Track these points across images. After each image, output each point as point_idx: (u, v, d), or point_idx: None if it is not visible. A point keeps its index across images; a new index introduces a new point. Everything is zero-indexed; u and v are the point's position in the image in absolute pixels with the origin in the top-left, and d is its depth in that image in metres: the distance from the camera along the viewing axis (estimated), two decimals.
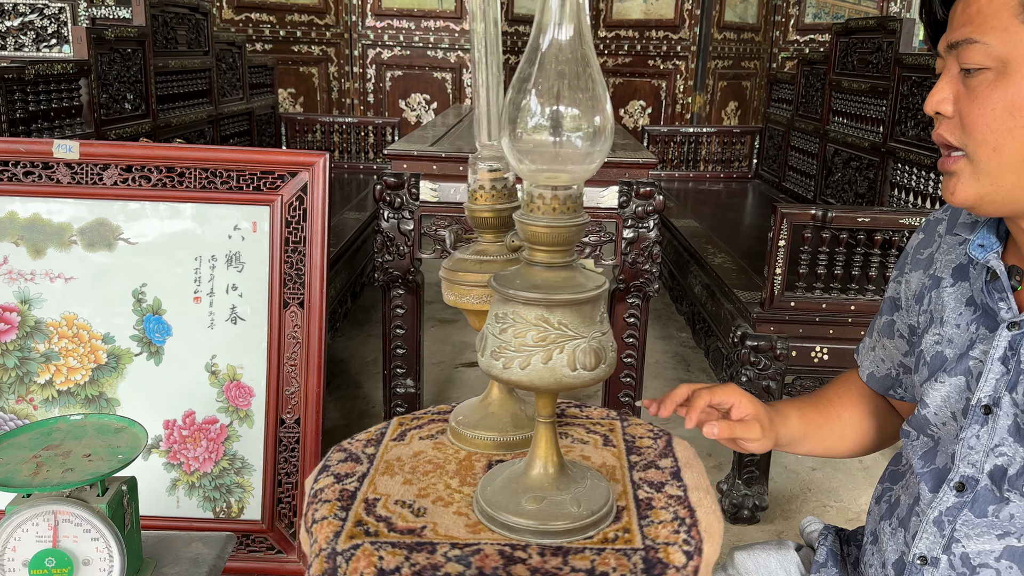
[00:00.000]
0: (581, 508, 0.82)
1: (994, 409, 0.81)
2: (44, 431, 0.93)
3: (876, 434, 1.07)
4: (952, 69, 0.79)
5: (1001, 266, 0.83)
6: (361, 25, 5.10)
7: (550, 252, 0.77)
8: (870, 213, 1.89)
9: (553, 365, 0.75)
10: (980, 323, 0.86)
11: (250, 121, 3.70)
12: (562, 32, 0.72)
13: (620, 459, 0.99)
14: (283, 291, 1.67)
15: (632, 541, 0.81)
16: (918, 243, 0.99)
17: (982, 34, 0.74)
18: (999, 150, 0.75)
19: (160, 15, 2.84)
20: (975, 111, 0.76)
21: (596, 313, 0.78)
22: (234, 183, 1.68)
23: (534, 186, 0.76)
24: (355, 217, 3.08)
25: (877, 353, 1.05)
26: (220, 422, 1.68)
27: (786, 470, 2.44)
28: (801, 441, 1.04)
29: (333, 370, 3.06)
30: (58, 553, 0.83)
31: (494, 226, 0.99)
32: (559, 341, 0.75)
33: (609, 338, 0.79)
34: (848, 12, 5.32)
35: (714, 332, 2.39)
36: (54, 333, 1.66)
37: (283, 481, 1.68)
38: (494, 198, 0.97)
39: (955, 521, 0.83)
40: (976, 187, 0.78)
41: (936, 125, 0.81)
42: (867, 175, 2.98)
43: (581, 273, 0.78)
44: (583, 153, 0.74)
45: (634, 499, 0.89)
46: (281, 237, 1.67)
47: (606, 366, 0.77)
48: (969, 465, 0.83)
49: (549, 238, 0.76)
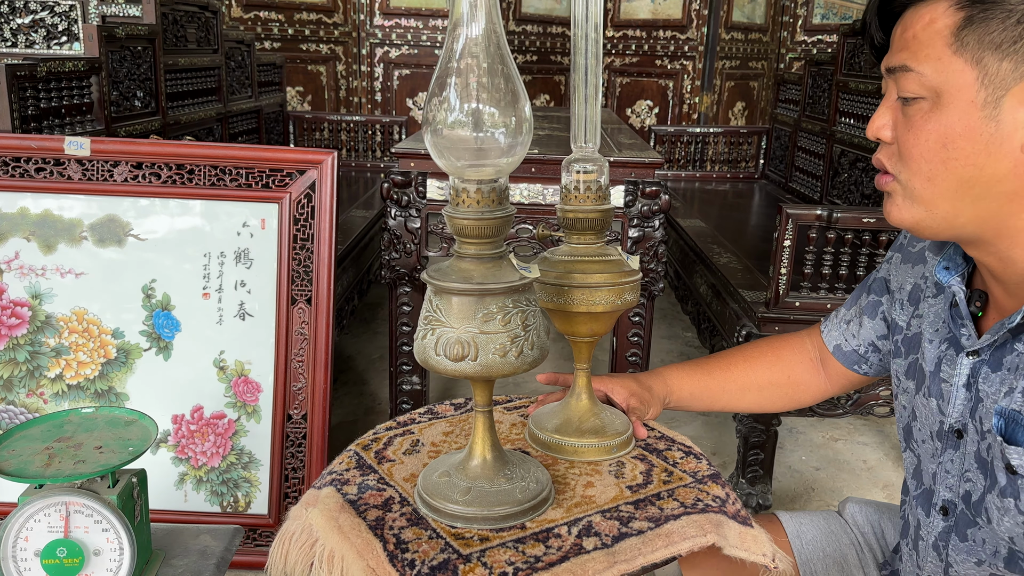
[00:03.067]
0: (520, 493, 0.85)
1: (964, 434, 0.81)
2: (56, 423, 0.94)
3: (786, 398, 1.10)
4: (892, 94, 0.77)
5: (961, 292, 0.82)
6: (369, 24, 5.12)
7: (478, 244, 0.79)
8: (875, 214, 1.90)
9: (424, 344, 0.80)
10: (949, 344, 0.85)
11: (259, 119, 3.71)
12: (474, 29, 0.75)
13: None
14: (291, 288, 1.69)
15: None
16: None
17: (916, 63, 0.72)
18: (933, 180, 0.74)
19: (170, 13, 2.86)
20: (911, 140, 0.74)
21: (481, 309, 0.78)
22: (243, 180, 1.69)
23: (460, 180, 0.78)
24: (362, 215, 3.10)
25: (851, 328, 1.05)
26: (228, 417, 1.70)
27: (790, 469, 2.45)
28: (690, 402, 1.09)
29: (340, 367, 3.08)
30: (69, 543, 0.84)
31: (583, 228, 0.97)
32: (432, 324, 0.80)
33: (493, 339, 0.78)
34: (856, 13, 5.31)
35: (719, 332, 2.40)
36: (64, 328, 1.68)
37: (290, 476, 1.70)
38: (586, 199, 0.96)
39: (947, 547, 0.83)
40: (911, 212, 0.77)
41: (878, 149, 0.80)
42: (873, 176, 2.98)
43: (503, 270, 0.80)
44: (505, 147, 0.77)
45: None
46: (289, 234, 1.69)
47: (474, 363, 0.78)
48: (947, 489, 0.83)
49: (476, 230, 0.78)
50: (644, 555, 0.79)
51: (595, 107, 0.95)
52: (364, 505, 0.89)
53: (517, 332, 0.79)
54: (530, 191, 2.05)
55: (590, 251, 0.97)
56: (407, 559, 0.78)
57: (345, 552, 0.82)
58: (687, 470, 0.95)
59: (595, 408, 1.02)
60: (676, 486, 0.91)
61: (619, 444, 0.99)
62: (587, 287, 0.94)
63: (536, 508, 0.85)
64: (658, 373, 1.10)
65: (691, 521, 0.84)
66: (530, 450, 1.01)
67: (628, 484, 0.92)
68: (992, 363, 0.78)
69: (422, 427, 1.08)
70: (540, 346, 0.81)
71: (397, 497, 0.90)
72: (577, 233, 0.97)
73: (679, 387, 1.09)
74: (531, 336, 0.80)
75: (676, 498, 0.89)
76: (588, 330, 0.98)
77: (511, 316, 0.79)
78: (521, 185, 2.05)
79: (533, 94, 5.46)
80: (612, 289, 0.95)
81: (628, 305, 0.96)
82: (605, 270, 0.95)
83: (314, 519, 0.88)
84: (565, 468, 0.96)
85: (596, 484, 0.92)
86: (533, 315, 0.81)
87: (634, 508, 0.87)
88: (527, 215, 2.07)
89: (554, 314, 0.99)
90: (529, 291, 0.81)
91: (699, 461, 0.98)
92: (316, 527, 0.87)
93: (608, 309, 0.95)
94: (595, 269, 0.95)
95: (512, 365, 0.79)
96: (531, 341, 0.80)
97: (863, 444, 2.61)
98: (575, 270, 0.95)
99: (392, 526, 0.84)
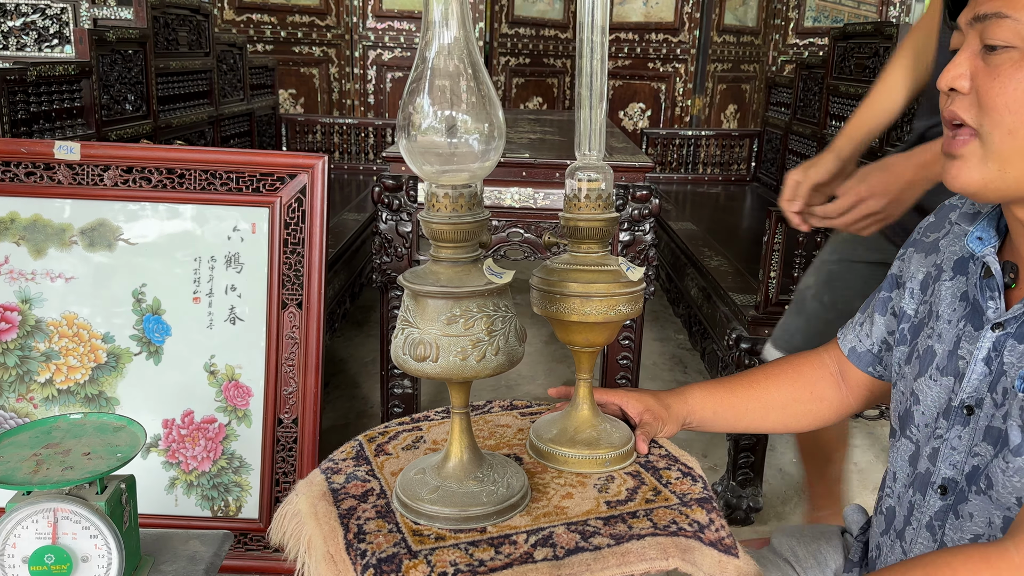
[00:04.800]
0: (486, 497, 0.86)
1: (976, 410, 0.81)
2: (44, 429, 0.94)
3: (810, 415, 1.09)
4: (973, 44, 0.75)
5: (996, 263, 0.82)
6: (362, 26, 5.12)
7: (452, 248, 0.81)
8: None
9: (396, 343, 0.83)
10: (968, 320, 0.85)
11: (251, 122, 3.71)
12: (446, 36, 0.76)
13: None
14: (282, 292, 1.69)
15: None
16: (927, 225, 0.98)
17: (1013, 9, 0.71)
18: (1015, 133, 0.73)
19: (162, 17, 2.86)
20: (995, 89, 0.73)
21: (445, 313, 0.79)
22: (233, 185, 1.69)
23: (434, 186, 0.80)
24: (355, 218, 3.10)
25: (864, 328, 1.05)
26: (218, 421, 1.70)
27: (780, 472, 2.46)
28: (713, 421, 1.07)
29: (332, 370, 3.08)
30: (57, 550, 0.85)
31: (586, 236, 0.96)
32: (403, 325, 0.82)
33: (455, 342, 0.79)
34: (847, 16, 5.34)
35: (710, 334, 2.41)
36: (54, 332, 1.68)
37: (280, 480, 1.70)
38: (588, 207, 0.94)
39: (944, 526, 0.83)
40: (982, 172, 0.75)
41: (948, 102, 0.78)
42: None
43: (472, 275, 0.81)
44: (478, 153, 0.78)
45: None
46: (280, 238, 1.69)
47: (434, 364, 0.79)
48: (950, 466, 0.83)
49: (450, 235, 0.80)
50: (592, 572, 0.78)
51: (600, 114, 0.94)
52: (344, 495, 0.91)
53: (480, 336, 0.80)
54: (521, 195, 2.05)
55: (590, 260, 0.95)
56: (361, 548, 0.80)
57: (315, 536, 0.85)
58: (677, 491, 0.93)
59: (594, 420, 1.00)
60: (658, 506, 0.89)
61: (613, 458, 0.97)
62: (581, 296, 0.93)
63: (501, 513, 0.85)
64: (679, 392, 1.08)
65: (655, 543, 0.82)
66: (525, 457, 1.01)
67: (608, 499, 0.90)
68: (1019, 335, 0.78)
69: (432, 425, 1.08)
70: (507, 352, 0.82)
71: (377, 489, 0.92)
72: (578, 241, 0.96)
73: (701, 407, 1.07)
74: (496, 341, 0.81)
75: (651, 518, 0.87)
76: (584, 340, 0.97)
77: (475, 320, 0.80)
78: (512, 189, 2.06)
79: (526, 96, 5.47)
80: (606, 300, 0.93)
81: (624, 316, 0.94)
82: (601, 280, 0.93)
83: (300, 504, 0.92)
84: (551, 477, 0.95)
85: (575, 496, 0.91)
86: (502, 320, 0.81)
87: (603, 523, 0.85)
88: (518, 219, 2.08)
89: (553, 323, 0.98)
90: (500, 297, 0.82)
91: (694, 483, 0.95)
92: (301, 511, 0.91)
93: (602, 320, 0.93)
94: (591, 279, 0.93)
95: (472, 369, 0.80)
96: (495, 347, 0.81)
97: (854, 446, 2.62)
98: (571, 279, 0.94)
99: (360, 516, 0.86)
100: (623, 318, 0.95)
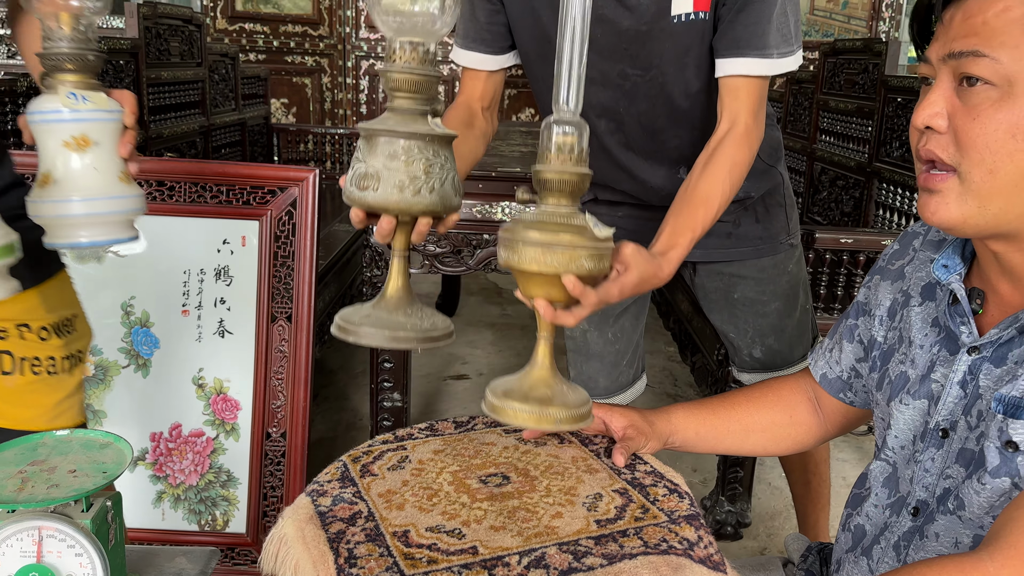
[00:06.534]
0: (410, 328, 0.95)
1: (951, 433, 0.82)
2: (30, 446, 0.94)
3: (789, 439, 1.10)
4: (946, 81, 0.74)
5: (962, 289, 0.82)
6: (355, 36, 5.13)
7: (407, 97, 0.91)
8: (852, 234, 1.92)
9: (347, 178, 0.93)
10: (943, 345, 0.85)
11: (242, 131, 3.71)
12: None
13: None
14: (271, 305, 1.69)
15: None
16: (892, 253, 0.99)
17: (991, 48, 0.70)
18: (995, 173, 0.72)
19: (153, 27, 2.86)
20: (976, 129, 0.72)
21: (389, 148, 0.90)
22: (223, 197, 1.69)
23: (396, 41, 0.90)
24: (345, 229, 3.10)
25: (834, 355, 1.06)
26: (206, 435, 1.69)
27: (770, 487, 2.46)
28: (695, 442, 1.08)
29: (322, 381, 3.07)
30: (42, 568, 0.84)
31: (556, 189, 0.95)
32: (354, 163, 0.92)
33: (394, 174, 0.89)
34: (837, 30, 5.38)
35: (700, 348, 2.41)
36: None
37: (268, 495, 1.69)
38: (560, 160, 0.94)
39: (910, 546, 0.84)
40: (961, 209, 0.74)
41: (922, 140, 0.77)
42: (853, 194, 3.02)
43: (417, 122, 0.91)
44: (435, 16, 0.89)
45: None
46: (270, 251, 1.69)
47: (375, 194, 0.90)
48: (923, 489, 0.84)
49: (406, 84, 0.91)
50: None
51: (580, 67, 0.93)
52: (332, 518, 0.90)
53: (417, 173, 0.90)
54: (512, 209, 2.06)
55: (558, 213, 0.94)
56: (353, 573, 0.80)
57: (303, 561, 0.85)
58: (665, 508, 0.93)
59: (551, 380, 0.99)
60: (647, 524, 0.90)
61: (565, 418, 0.94)
62: (543, 246, 0.91)
63: (423, 341, 0.94)
64: (664, 411, 1.09)
65: (647, 562, 0.82)
66: (480, 417, 1.02)
67: (598, 518, 0.90)
68: (995, 359, 0.78)
69: (416, 443, 1.08)
70: (441, 195, 0.91)
71: (365, 512, 0.91)
72: (547, 194, 0.95)
73: (684, 426, 1.07)
74: (432, 182, 0.91)
75: (641, 536, 0.87)
76: (544, 293, 0.95)
77: (415, 160, 0.90)
78: (503, 203, 2.06)
79: (519, 108, 5.48)
80: (569, 251, 0.91)
81: (586, 272, 0.93)
82: (566, 231, 0.92)
83: (287, 528, 0.91)
84: (540, 497, 0.95)
85: (564, 515, 0.91)
86: (440, 167, 0.92)
87: (594, 543, 0.85)
88: (481, 230, 2.08)
89: (515, 274, 0.97)
90: (441, 146, 0.92)
91: (681, 500, 0.95)
92: (287, 535, 0.90)
93: (561, 270, 0.91)
94: (556, 230, 0.92)
95: (407, 201, 0.90)
96: (431, 186, 0.91)
97: (843, 461, 2.63)
98: (535, 228, 0.93)
99: (349, 540, 0.85)
100: (585, 273, 0.93)
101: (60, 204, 0.94)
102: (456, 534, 0.86)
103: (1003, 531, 0.69)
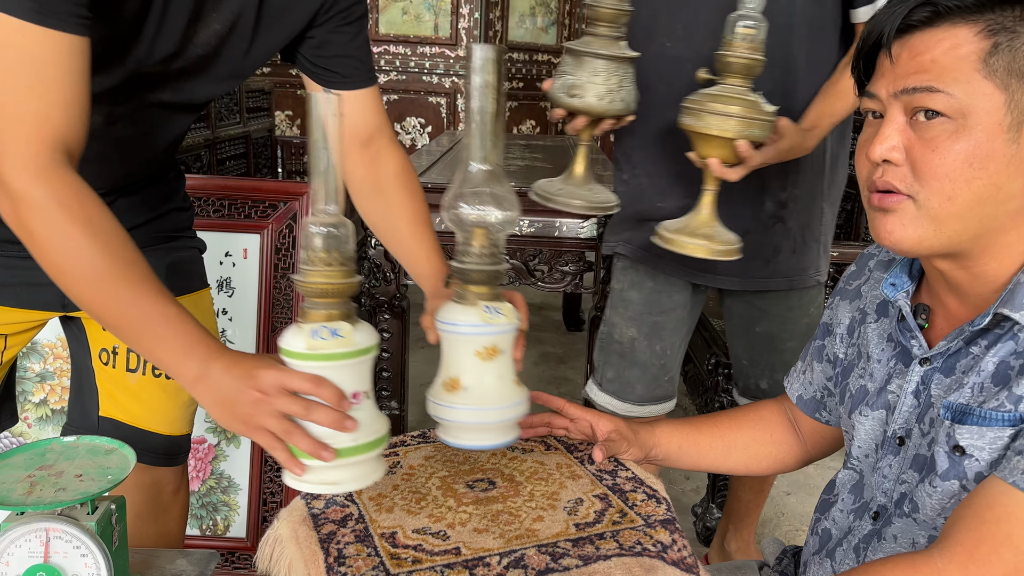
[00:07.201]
0: (594, 197, 1.34)
1: (906, 440, 0.87)
2: (38, 452, 0.98)
3: (770, 458, 1.14)
4: (898, 116, 0.78)
5: (907, 306, 0.87)
6: None
7: (607, 26, 1.24)
8: (838, 247, 1.96)
9: (556, 85, 1.30)
10: (898, 359, 0.90)
11: (247, 144, 3.77)
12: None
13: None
14: (272, 316, 1.74)
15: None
16: (850, 274, 1.04)
17: (945, 84, 0.74)
18: (953, 199, 0.76)
19: None
20: (935, 160, 0.75)
21: (591, 67, 1.24)
22: (226, 211, 1.74)
23: None
24: None
25: (806, 376, 1.10)
26: (208, 442, 1.73)
27: None
28: (678, 456, 1.12)
29: None
30: (49, 568, 0.88)
31: (735, 71, 1.21)
32: (560, 75, 1.28)
33: (596, 88, 1.24)
34: None
35: (691, 358, 2.45)
36: (49, 354, 1.72)
37: (268, 500, 1.73)
38: (742, 47, 1.21)
39: (868, 547, 0.89)
40: (917, 230, 0.78)
41: (878, 172, 0.80)
42: (844, 207, 3.06)
43: (614, 46, 1.25)
44: None
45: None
46: (271, 263, 1.74)
47: (581, 100, 1.25)
48: (883, 494, 0.89)
49: (610, 16, 1.24)
50: None
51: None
52: (324, 520, 0.94)
53: (612, 87, 1.24)
54: None
55: (735, 91, 1.20)
56: (341, 572, 0.84)
57: (296, 560, 0.89)
58: (642, 513, 0.97)
59: (712, 222, 1.28)
60: (624, 528, 0.93)
61: (722, 251, 1.28)
62: (721, 115, 1.18)
63: (602, 209, 1.36)
64: (649, 423, 1.13)
65: (621, 563, 0.86)
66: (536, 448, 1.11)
67: (577, 521, 0.94)
68: (944, 369, 0.83)
69: (408, 450, 1.12)
70: (624, 101, 1.26)
71: (356, 514, 0.95)
72: (731, 75, 1.20)
73: (667, 440, 1.11)
74: (622, 94, 1.25)
75: (617, 539, 0.91)
76: (717, 153, 1.22)
77: (611, 76, 1.24)
78: None
79: (520, 120, 5.53)
80: (742, 120, 1.18)
81: (754, 138, 1.19)
82: (740, 103, 1.18)
83: (281, 529, 0.96)
84: (523, 501, 0.99)
85: (546, 518, 0.95)
86: (627, 83, 1.26)
87: (572, 545, 0.89)
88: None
89: (693, 136, 1.23)
90: (628, 66, 1.26)
91: (658, 505, 0.99)
92: (282, 536, 0.95)
93: (735, 135, 1.18)
94: (733, 102, 1.18)
95: (604, 107, 1.24)
96: (620, 97, 1.25)
97: (833, 468, 2.65)
98: (717, 100, 1.19)
99: (340, 541, 0.90)
100: (753, 139, 1.20)
101: (474, 411, 0.94)
102: (441, 535, 0.91)
103: (951, 530, 0.74)
